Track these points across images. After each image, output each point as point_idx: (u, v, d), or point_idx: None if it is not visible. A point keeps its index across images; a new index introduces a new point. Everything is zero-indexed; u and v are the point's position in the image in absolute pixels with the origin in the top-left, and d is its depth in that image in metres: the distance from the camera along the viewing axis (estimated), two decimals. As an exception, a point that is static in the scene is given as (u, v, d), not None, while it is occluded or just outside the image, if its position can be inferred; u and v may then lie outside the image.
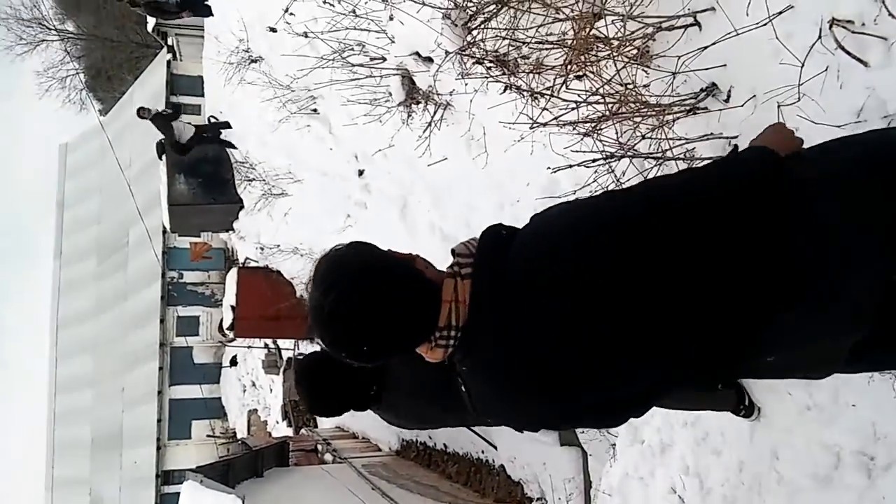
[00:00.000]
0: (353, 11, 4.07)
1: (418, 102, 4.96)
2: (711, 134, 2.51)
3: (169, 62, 20.97)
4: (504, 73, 3.41)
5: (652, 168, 2.69)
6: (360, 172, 6.85)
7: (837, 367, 1.51)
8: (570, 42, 2.85)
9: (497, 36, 3.32)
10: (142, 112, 11.28)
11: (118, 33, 32.44)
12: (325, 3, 3.82)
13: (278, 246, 9.52)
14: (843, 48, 2.01)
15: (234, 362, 19.29)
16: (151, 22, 19.22)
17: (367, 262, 1.35)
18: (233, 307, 11.21)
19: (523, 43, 3.20)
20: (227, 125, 10.84)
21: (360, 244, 1.39)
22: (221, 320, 13.27)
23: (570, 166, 2.72)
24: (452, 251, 1.40)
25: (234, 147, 10.59)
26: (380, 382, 2.38)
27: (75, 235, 24.99)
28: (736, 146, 2.28)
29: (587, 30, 2.63)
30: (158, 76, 21.87)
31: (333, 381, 2.34)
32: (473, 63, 3.59)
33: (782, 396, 2.64)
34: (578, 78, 2.92)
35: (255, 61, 7.69)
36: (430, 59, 4.53)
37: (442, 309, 1.32)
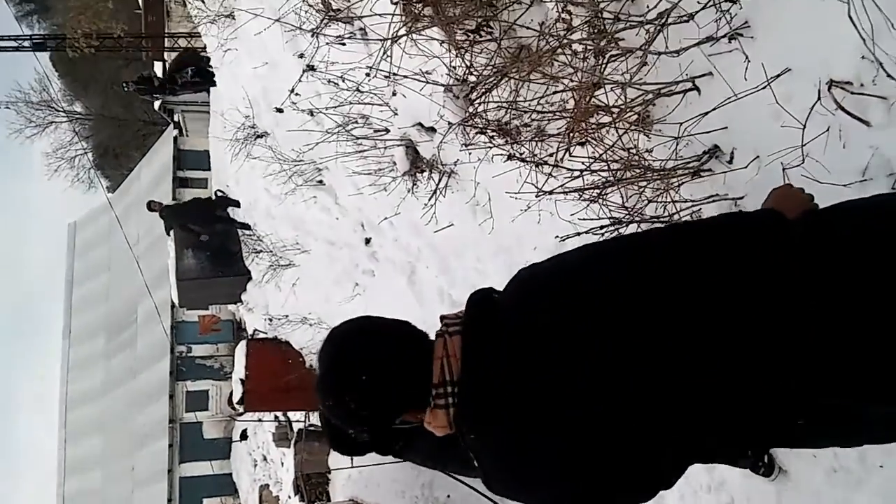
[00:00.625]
0: (358, 88, 4.17)
1: (423, 171, 5.02)
2: (717, 195, 2.52)
3: (175, 138, 21.41)
4: (507, 142, 3.46)
5: (660, 231, 2.69)
6: (367, 241, 6.89)
7: (873, 438, 1.45)
8: (570, 110, 2.90)
9: (499, 106, 3.38)
10: (152, 206, 11.46)
11: (125, 112, 33.26)
12: (329, 81, 3.92)
13: (287, 316, 9.50)
14: (843, 109, 2.04)
15: (244, 436, 19.01)
16: (158, 101, 19.67)
17: (361, 324, 1.42)
18: (242, 380, 11.11)
19: (524, 112, 3.26)
20: (236, 204, 10.96)
21: (357, 317, 1.46)
22: (231, 394, 13.14)
23: (578, 234, 2.72)
24: (441, 317, 1.42)
25: (248, 228, 10.66)
26: (406, 439, 2.29)
27: (84, 313, 25.04)
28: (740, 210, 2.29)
29: (587, 98, 2.67)
30: (165, 152, 22.30)
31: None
32: (476, 133, 3.65)
33: (807, 458, 2.57)
34: (581, 145, 2.96)
35: (260, 136, 7.83)
36: (432, 129, 4.60)
37: (434, 366, 1.32)
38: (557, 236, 2.95)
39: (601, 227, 2.67)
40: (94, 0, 10.11)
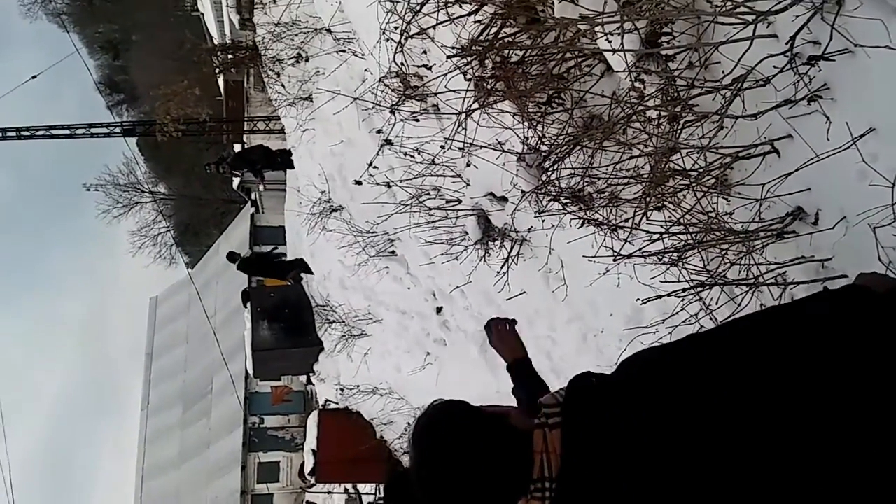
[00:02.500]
0: (432, 161, 4.30)
1: (494, 240, 5.07)
2: (803, 257, 2.47)
3: (252, 215, 22.26)
4: (580, 209, 3.49)
5: (743, 294, 2.64)
6: (439, 310, 6.93)
7: None
8: (646, 175, 2.92)
9: (572, 173, 3.42)
10: (232, 256, 11.92)
11: (205, 192, 34.96)
12: (405, 155, 4.08)
13: (358, 387, 9.56)
14: (933, 165, 1.99)
15: (314, 510, 18.90)
16: (237, 180, 20.62)
17: (453, 419, 1.39)
18: (314, 450, 11.16)
19: (598, 178, 3.29)
20: (309, 270, 11.30)
21: (453, 402, 1.43)
22: (302, 465, 13.18)
23: (660, 296, 2.70)
24: (539, 402, 1.40)
25: (311, 272, 10.98)
26: None
27: (162, 385, 25.74)
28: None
29: (664, 163, 2.69)
30: (242, 228, 23.20)
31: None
32: (550, 200, 3.69)
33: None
34: (658, 209, 2.96)
35: (335, 210, 8.10)
36: (504, 199, 4.68)
37: (535, 461, 1.31)
38: (639, 299, 2.93)
39: (683, 290, 2.64)
40: (181, 88, 10.81)
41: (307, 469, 11.61)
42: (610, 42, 2.74)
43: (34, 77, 21.02)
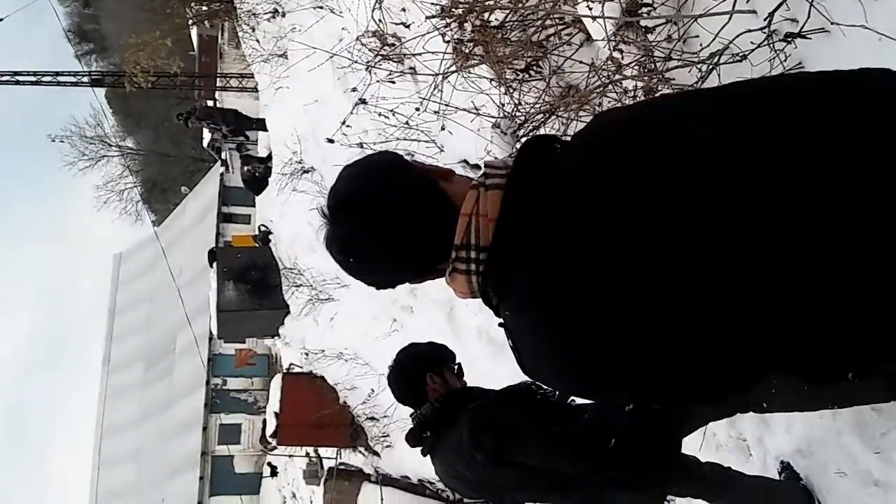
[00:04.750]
0: (407, 123, 4.26)
1: (466, 208, 5.07)
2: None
3: (222, 175, 21.95)
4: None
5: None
6: (407, 277, 6.93)
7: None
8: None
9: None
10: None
11: (174, 149, 34.34)
12: (380, 115, 4.03)
13: (323, 351, 9.55)
14: None
15: (274, 472, 18.98)
16: (206, 137, 20.29)
17: (378, 161, 1.21)
18: (276, 414, 11.16)
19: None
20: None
21: (378, 152, 1.26)
22: (264, 428, 13.19)
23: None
24: (485, 164, 1.15)
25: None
26: (436, 434, 2.24)
27: (124, 342, 25.51)
28: None
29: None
30: (211, 188, 22.86)
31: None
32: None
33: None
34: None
35: (307, 172, 8.02)
36: (477, 167, 4.66)
37: (459, 223, 1.07)
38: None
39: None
40: (152, 38, 10.52)
41: (269, 431, 11.61)
42: (590, 9, 2.72)
43: (0, 20, 20.31)
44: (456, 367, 2.34)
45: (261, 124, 11.81)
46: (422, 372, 2.28)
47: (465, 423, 2.08)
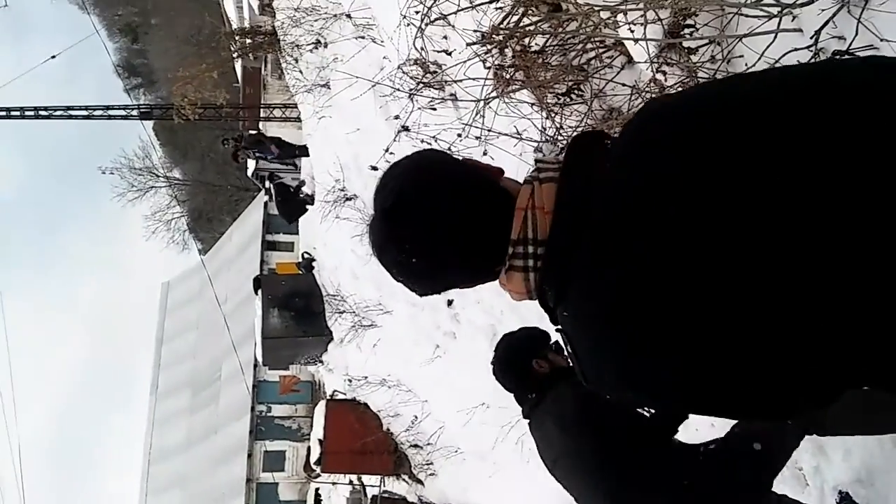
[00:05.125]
0: (449, 149, 4.29)
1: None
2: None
3: (266, 204, 22.32)
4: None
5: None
6: (450, 303, 6.92)
7: None
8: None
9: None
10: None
11: (219, 179, 35.12)
12: (422, 142, 4.07)
13: (366, 378, 9.58)
14: None
15: (318, 500, 18.97)
16: (251, 166, 20.71)
17: (426, 161, 1.15)
18: (320, 441, 11.20)
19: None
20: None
21: (424, 150, 1.20)
22: (308, 455, 13.24)
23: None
24: (536, 160, 1.16)
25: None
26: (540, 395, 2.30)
27: (171, 370, 25.93)
28: None
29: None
30: (255, 217, 23.27)
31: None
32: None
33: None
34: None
35: (349, 199, 8.11)
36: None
37: (515, 218, 1.03)
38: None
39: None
40: (198, 71, 10.84)
41: (313, 458, 11.65)
42: (632, 31, 2.72)
43: (53, 57, 21.16)
44: (554, 345, 2.36)
45: (303, 151, 12.03)
46: (527, 361, 2.33)
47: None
